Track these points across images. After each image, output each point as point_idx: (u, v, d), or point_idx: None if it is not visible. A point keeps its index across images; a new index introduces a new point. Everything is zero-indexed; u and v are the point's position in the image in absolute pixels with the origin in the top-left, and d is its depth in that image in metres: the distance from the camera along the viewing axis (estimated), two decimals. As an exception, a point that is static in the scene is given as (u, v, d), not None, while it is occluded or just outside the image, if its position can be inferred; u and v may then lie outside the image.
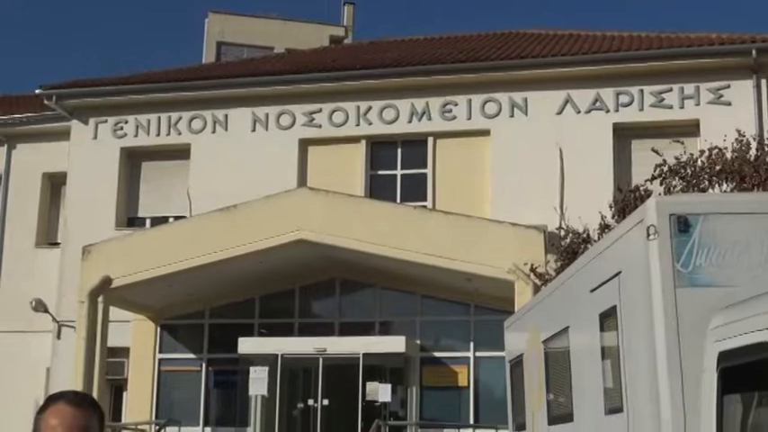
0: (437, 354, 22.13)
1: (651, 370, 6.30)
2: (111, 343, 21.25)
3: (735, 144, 16.35)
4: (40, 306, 23.41)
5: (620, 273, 7.09)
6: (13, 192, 25.89)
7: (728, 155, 16.05)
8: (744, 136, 16.64)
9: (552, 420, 9.43)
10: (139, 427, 21.46)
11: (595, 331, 7.71)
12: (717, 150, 16.18)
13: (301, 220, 20.09)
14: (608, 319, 7.38)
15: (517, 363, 11.34)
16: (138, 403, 22.82)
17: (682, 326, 6.09)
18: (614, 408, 7.21)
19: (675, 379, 6.06)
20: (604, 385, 7.57)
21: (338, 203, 20.63)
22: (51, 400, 3.43)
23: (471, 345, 21.66)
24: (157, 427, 20.87)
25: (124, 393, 23.19)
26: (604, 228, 15.82)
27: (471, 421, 21.26)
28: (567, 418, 8.67)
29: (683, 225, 6.25)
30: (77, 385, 19.09)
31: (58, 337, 23.31)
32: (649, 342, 6.31)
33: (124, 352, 23.10)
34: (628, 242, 6.91)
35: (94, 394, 20.98)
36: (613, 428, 7.17)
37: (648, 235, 6.33)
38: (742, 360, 5.70)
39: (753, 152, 16.32)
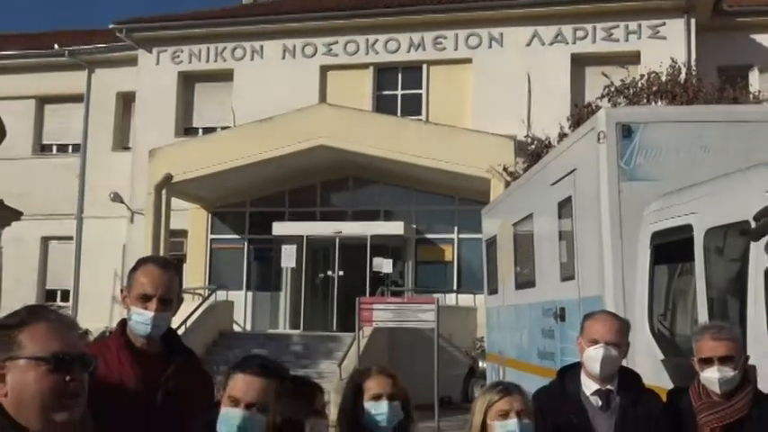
0: (428, 235, 22.21)
1: (598, 246, 6.30)
2: (173, 226, 21.37)
3: (668, 70, 16.20)
4: (117, 197, 23.53)
5: (575, 170, 7.04)
6: (93, 107, 25.74)
7: (663, 78, 15.92)
8: (676, 63, 16.48)
9: (518, 286, 9.48)
10: (197, 291, 21.70)
11: (554, 216, 7.69)
12: (654, 75, 16.05)
13: (321, 130, 19.98)
14: (565, 206, 7.35)
15: (491, 242, 11.36)
16: (194, 273, 23.03)
17: (623, 211, 6.06)
18: (568, 276, 7.22)
19: (617, 253, 6.06)
20: (560, 260, 7.57)
21: (351, 117, 20.51)
22: (141, 262, 3.41)
23: (455, 228, 21.71)
24: (210, 291, 21.09)
25: (184, 265, 23.36)
26: (562, 136, 15.71)
27: (455, 288, 21.45)
28: (531, 284, 8.70)
29: (626, 131, 6.17)
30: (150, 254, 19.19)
31: (132, 221, 23.42)
32: (597, 224, 6.29)
33: (183, 233, 23.23)
34: (582, 145, 6.85)
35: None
36: (567, 292, 7.21)
37: (599, 139, 6.26)
38: (670, 239, 5.70)
39: (682, 76, 16.21)
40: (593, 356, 3.73)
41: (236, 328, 21.57)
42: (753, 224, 4.43)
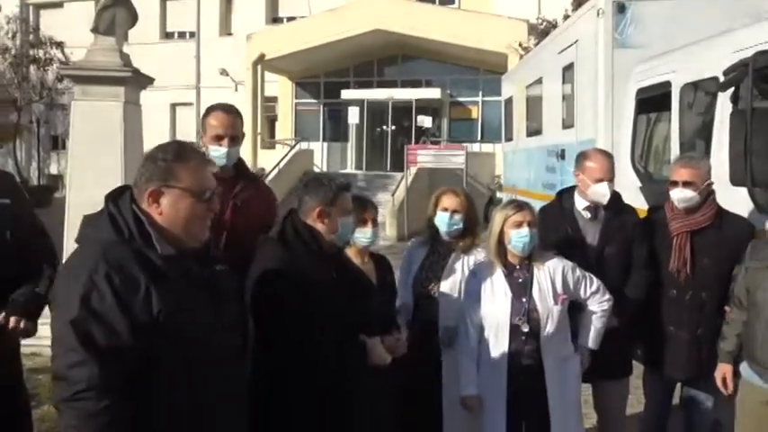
0: (460, 99, 21.85)
1: (594, 101, 6.05)
2: (266, 94, 21.37)
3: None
4: (224, 72, 23.42)
5: (577, 41, 6.67)
6: (203, 2, 25.09)
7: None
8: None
9: (529, 134, 9.25)
10: (286, 142, 21.82)
11: (559, 78, 7.37)
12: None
13: (378, 18, 19.44)
14: (568, 70, 7.02)
15: (509, 101, 11.05)
16: (283, 128, 23.18)
17: (615, 73, 5.78)
18: (568, 125, 7.00)
19: (608, 105, 5.83)
20: (563, 112, 7.33)
21: (400, 6, 19.80)
22: (211, 108, 3.27)
23: (480, 93, 21.29)
24: (295, 142, 21.20)
25: (276, 123, 23.42)
26: (566, 18, 14.89)
27: (479, 139, 21.23)
28: (539, 132, 8.49)
29: (620, 8, 5.78)
30: (249, 116, 19.30)
31: (236, 90, 23.31)
32: (594, 83, 6.02)
33: (274, 99, 23.17)
34: (584, 20, 6.44)
35: (258, 124, 21.32)
36: (567, 137, 7.01)
37: (598, 15, 5.88)
38: (651, 94, 5.44)
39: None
40: (602, 192, 3.56)
41: (315, 169, 21.77)
42: (721, 78, 4.16)
